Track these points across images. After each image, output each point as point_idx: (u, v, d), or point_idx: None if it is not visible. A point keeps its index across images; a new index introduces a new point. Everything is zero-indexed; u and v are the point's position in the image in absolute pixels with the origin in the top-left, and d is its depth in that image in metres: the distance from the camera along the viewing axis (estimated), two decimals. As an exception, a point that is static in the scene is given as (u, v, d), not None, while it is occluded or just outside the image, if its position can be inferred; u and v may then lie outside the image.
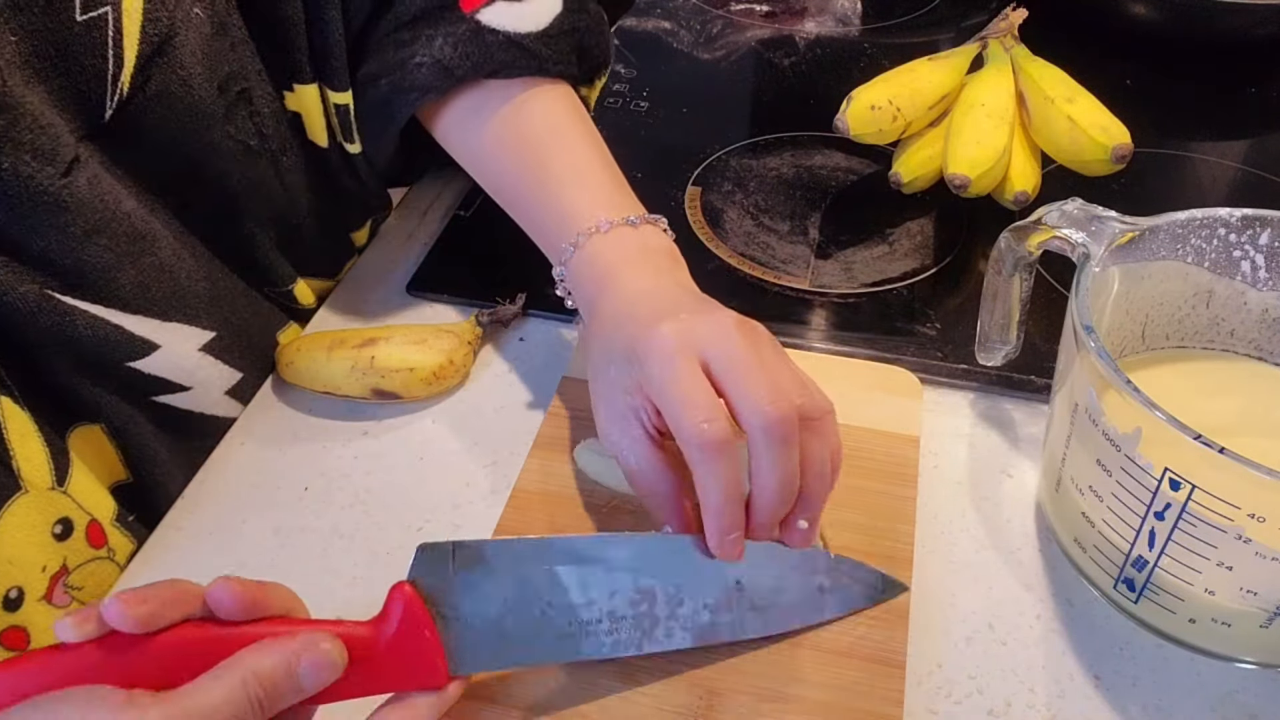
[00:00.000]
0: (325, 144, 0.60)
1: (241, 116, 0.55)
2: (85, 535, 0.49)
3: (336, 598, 0.49)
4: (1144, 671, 0.46)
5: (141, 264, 0.49)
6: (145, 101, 0.48)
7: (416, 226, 0.71)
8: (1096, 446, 0.44)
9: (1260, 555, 0.40)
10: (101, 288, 0.48)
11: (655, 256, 0.51)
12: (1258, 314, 0.52)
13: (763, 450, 0.42)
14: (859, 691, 0.43)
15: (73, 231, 0.46)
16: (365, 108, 0.59)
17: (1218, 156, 0.80)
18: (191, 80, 0.50)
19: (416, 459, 0.56)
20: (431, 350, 0.57)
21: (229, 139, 0.54)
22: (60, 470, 0.48)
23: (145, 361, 0.50)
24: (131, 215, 0.49)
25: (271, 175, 0.58)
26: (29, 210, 0.44)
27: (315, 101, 0.58)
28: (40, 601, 0.46)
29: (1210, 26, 0.86)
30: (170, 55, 0.49)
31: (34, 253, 0.45)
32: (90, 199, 0.46)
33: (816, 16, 0.97)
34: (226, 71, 0.53)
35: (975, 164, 0.65)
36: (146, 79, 0.48)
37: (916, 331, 0.62)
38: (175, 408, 0.53)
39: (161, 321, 0.51)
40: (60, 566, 0.47)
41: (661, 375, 0.43)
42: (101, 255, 0.47)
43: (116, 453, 0.52)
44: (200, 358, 0.53)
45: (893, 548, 0.49)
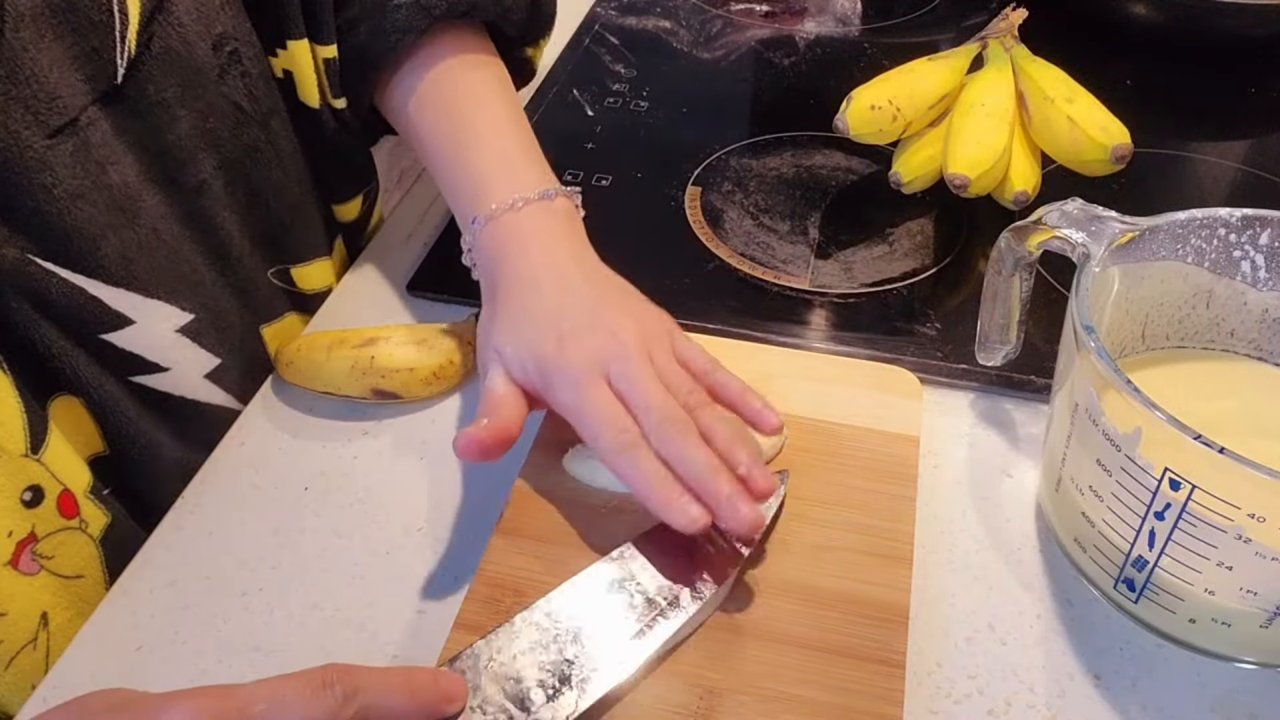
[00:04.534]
0: (317, 104, 0.60)
1: (233, 77, 0.55)
2: (56, 505, 0.49)
3: (337, 598, 0.49)
4: (1144, 671, 0.46)
5: (125, 236, 0.50)
6: (152, 60, 0.49)
7: (416, 226, 0.71)
8: (1096, 446, 0.44)
9: (1260, 555, 0.40)
10: (84, 256, 0.48)
11: (557, 233, 0.54)
12: (1258, 314, 0.52)
13: (667, 449, 0.47)
14: (859, 691, 0.43)
15: (57, 195, 0.46)
16: (345, 55, 0.59)
17: (1218, 156, 0.80)
18: (189, 38, 0.51)
19: (416, 459, 0.56)
20: (431, 350, 0.57)
21: (223, 100, 0.54)
22: (36, 438, 0.48)
23: (119, 335, 0.51)
24: (117, 186, 0.49)
25: (263, 141, 0.58)
26: (13, 168, 0.45)
27: (306, 58, 0.58)
28: (5, 566, 0.47)
29: (1210, 26, 0.86)
30: (169, 12, 0.50)
31: (17, 215, 0.46)
32: (75, 164, 0.47)
33: (816, 16, 0.97)
34: (219, 30, 0.53)
35: (975, 164, 0.65)
36: (150, 36, 0.49)
37: (916, 331, 0.62)
38: (154, 389, 0.54)
39: (144, 297, 0.51)
40: (28, 533, 0.48)
41: (573, 400, 0.48)
42: (85, 224, 0.48)
43: (95, 425, 0.52)
44: (177, 339, 0.54)
45: (893, 548, 0.49)
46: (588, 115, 0.82)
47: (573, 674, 0.43)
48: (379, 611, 0.48)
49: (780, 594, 0.47)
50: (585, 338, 0.50)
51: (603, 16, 0.96)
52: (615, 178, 0.75)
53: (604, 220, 0.59)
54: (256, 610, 0.49)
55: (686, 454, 0.46)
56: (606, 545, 0.48)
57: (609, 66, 0.88)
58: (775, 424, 0.50)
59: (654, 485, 0.46)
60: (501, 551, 0.49)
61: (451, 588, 0.49)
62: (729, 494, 0.45)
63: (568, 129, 0.80)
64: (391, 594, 0.49)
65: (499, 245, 0.54)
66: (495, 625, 0.45)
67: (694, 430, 0.47)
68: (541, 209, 0.54)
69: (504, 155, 0.57)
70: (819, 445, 0.54)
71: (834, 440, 0.54)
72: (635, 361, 0.49)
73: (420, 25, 0.58)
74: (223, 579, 0.50)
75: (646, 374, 0.49)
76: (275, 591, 0.49)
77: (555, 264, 0.53)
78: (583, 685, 0.42)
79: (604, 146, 0.78)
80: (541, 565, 0.48)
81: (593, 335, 0.50)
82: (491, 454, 0.48)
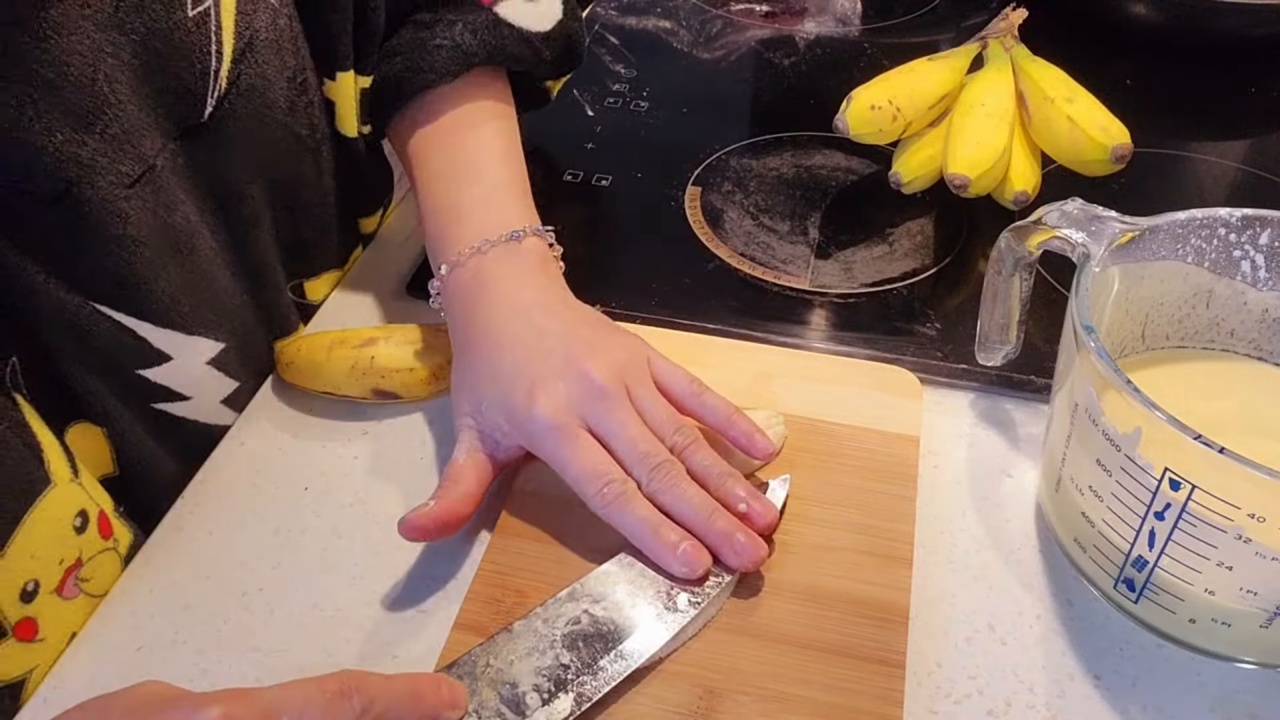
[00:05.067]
0: (355, 133, 0.60)
1: (301, 108, 0.55)
2: (98, 527, 0.49)
3: (337, 598, 0.49)
4: (1144, 671, 0.46)
5: (172, 276, 0.49)
6: (237, 97, 0.49)
7: (416, 227, 0.71)
8: (1096, 446, 0.44)
9: (1260, 555, 0.40)
10: (137, 299, 0.48)
11: (523, 274, 0.53)
12: (1258, 314, 0.52)
13: (661, 498, 0.47)
14: (859, 691, 0.43)
15: (125, 243, 0.46)
16: (375, 84, 0.59)
17: (1218, 156, 0.80)
18: (269, 74, 0.51)
19: (416, 459, 0.56)
20: (431, 350, 0.57)
21: (290, 132, 0.54)
22: (72, 463, 0.48)
23: (155, 371, 0.51)
24: (180, 227, 0.49)
25: (313, 167, 0.58)
26: (94, 221, 0.44)
27: (350, 87, 0.58)
28: (52, 594, 0.46)
29: (1210, 26, 0.86)
30: (256, 49, 0.50)
31: (84, 263, 0.45)
32: (147, 209, 0.46)
33: (816, 16, 0.97)
34: (293, 64, 0.53)
35: (975, 164, 0.65)
36: (239, 74, 0.49)
37: (916, 331, 0.62)
38: (171, 414, 0.53)
39: (185, 335, 0.51)
40: (76, 559, 0.47)
41: (554, 454, 0.48)
42: (144, 267, 0.47)
43: (109, 449, 0.52)
44: (206, 370, 0.53)
45: (893, 547, 0.49)
46: (588, 115, 0.82)
47: (569, 679, 0.43)
48: (379, 611, 0.48)
49: (780, 594, 0.47)
50: (556, 385, 0.49)
51: (603, 16, 0.96)
52: (615, 178, 0.75)
53: (604, 220, 0.60)
54: (256, 610, 0.49)
55: (681, 499, 0.47)
56: (606, 545, 0.48)
57: (609, 66, 0.88)
58: (767, 449, 0.49)
59: (649, 534, 0.46)
60: (501, 551, 0.49)
61: (451, 588, 0.49)
62: (729, 532, 0.46)
63: (568, 129, 0.80)
64: (391, 594, 0.49)
65: (463, 293, 0.53)
66: (495, 626, 0.45)
67: (684, 474, 0.47)
68: (508, 251, 0.53)
69: (480, 199, 0.56)
70: (819, 445, 0.54)
71: (834, 440, 0.54)
72: (614, 403, 0.48)
73: (456, 70, 0.58)
74: (223, 579, 0.50)
75: (627, 417, 0.48)
76: (275, 591, 0.49)
77: (519, 309, 0.52)
78: (579, 689, 0.42)
79: (604, 146, 0.78)
80: (541, 565, 0.48)
81: (564, 381, 0.49)
82: (434, 536, 0.47)
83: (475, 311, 0.52)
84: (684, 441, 0.49)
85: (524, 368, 0.50)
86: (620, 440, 0.48)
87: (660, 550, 0.46)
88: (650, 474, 0.47)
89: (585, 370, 0.49)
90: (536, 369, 0.49)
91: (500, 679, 0.42)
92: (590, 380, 0.49)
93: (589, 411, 0.48)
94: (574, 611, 0.45)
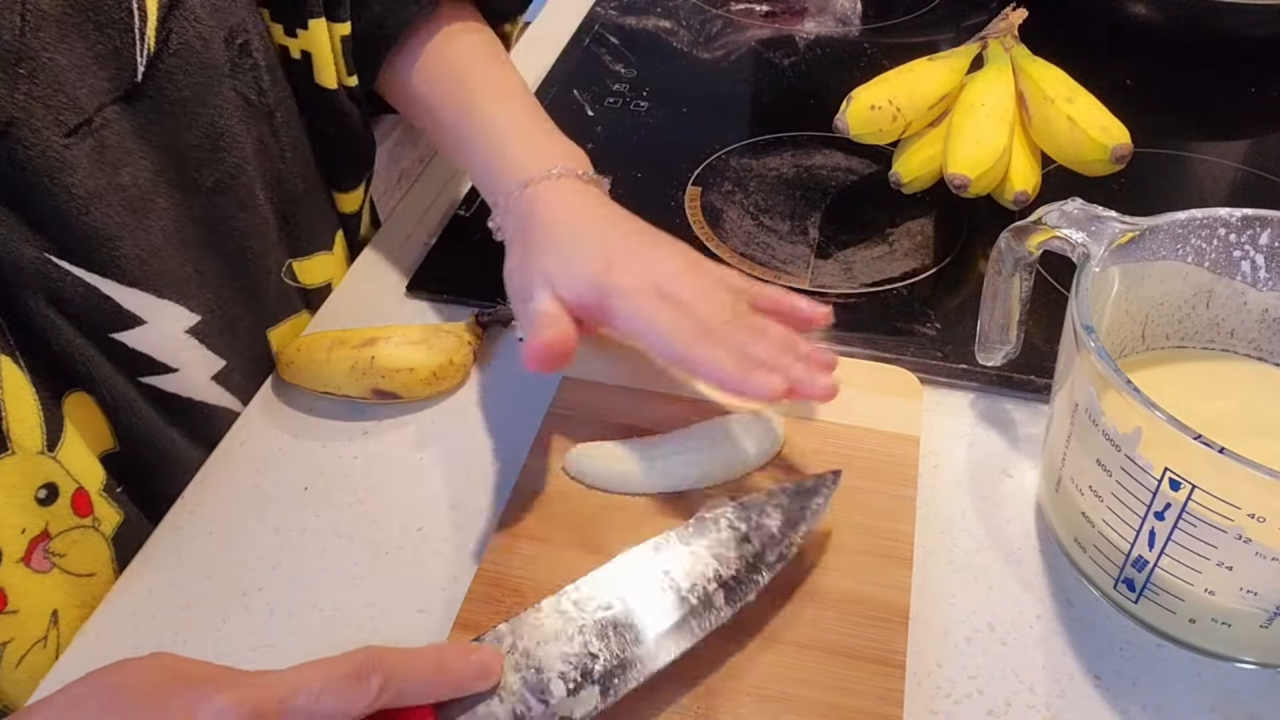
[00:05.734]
0: (335, 84, 0.60)
1: (244, 69, 0.55)
2: (70, 503, 0.49)
3: (336, 598, 0.49)
4: (1144, 671, 0.46)
5: (138, 237, 0.50)
6: (170, 57, 0.49)
7: (416, 226, 0.71)
8: (1096, 446, 0.44)
9: (1260, 555, 0.40)
10: (100, 256, 0.48)
11: (592, 195, 0.57)
12: (1258, 314, 0.52)
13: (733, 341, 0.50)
14: (859, 691, 0.43)
15: (76, 194, 0.46)
16: (358, 30, 0.60)
17: (1218, 156, 0.80)
18: (205, 33, 0.51)
19: (416, 459, 0.56)
20: (431, 350, 0.57)
21: (235, 94, 0.54)
22: (52, 435, 0.48)
23: (129, 335, 0.51)
24: (130, 187, 0.49)
25: (269, 134, 0.58)
26: (35, 167, 0.45)
27: (325, 37, 0.58)
28: (18, 563, 0.47)
29: (1210, 26, 0.86)
30: (185, 7, 0.50)
31: (37, 214, 0.46)
32: (92, 164, 0.47)
33: (816, 16, 0.97)
34: (231, 23, 0.53)
35: (975, 164, 0.65)
36: (169, 32, 0.49)
37: (916, 331, 0.62)
38: (163, 390, 0.54)
39: (155, 298, 0.51)
40: (41, 531, 0.47)
41: (631, 313, 0.50)
42: (102, 224, 0.48)
43: (106, 422, 0.52)
44: (185, 339, 0.54)
45: (893, 547, 0.49)
46: (588, 115, 0.82)
47: (596, 669, 0.41)
48: (379, 611, 0.48)
49: (780, 594, 0.47)
50: (632, 261, 0.52)
51: (603, 16, 0.96)
52: (615, 178, 0.74)
53: (604, 220, 0.59)
54: (256, 610, 0.49)
55: (752, 342, 0.50)
56: (607, 545, 0.48)
57: (609, 66, 0.88)
58: (822, 312, 0.53)
59: (731, 364, 0.48)
60: (501, 551, 0.49)
61: (451, 588, 0.49)
62: (803, 365, 0.50)
63: (568, 129, 0.79)
64: (391, 594, 0.49)
65: (536, 203, 0.55)
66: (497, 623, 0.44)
67: (751, 328, 0.51)
68: (578, 181, 0.56)
69: (527, 129, 0.59)
70: (819, 445, 0.54)
71: (834, 440, 0.54)
72: (684, 280, 0.51)
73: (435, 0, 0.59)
74: (223, 579, 0.50)
75: (696, 288, 0.51)
76: (275, 591, 0.49)
77: (594, 210, 0.55)
78: (606, 682, 0.41)
79: (604, 146, 0.78)
80: (541, 565, 0.48)
81: (639, 259, 0.52)
82: (559, 361, 0.49)
83: (551, 210, 0.54)
84: (742, 311, 0.52)
85: (601, 244, 0.53)
86: (689, 304, 0.50)
87: (740, 377, 0.48)
88: (720, 326, 0.50)
89: (658, 254, 0.53)
90: (613, 246, 0.53)
91: (526, 662, 0.41)
92: (663, 260, 0.53)
93: (661, 283, 0.51)
94: (606, 596, 0.43)
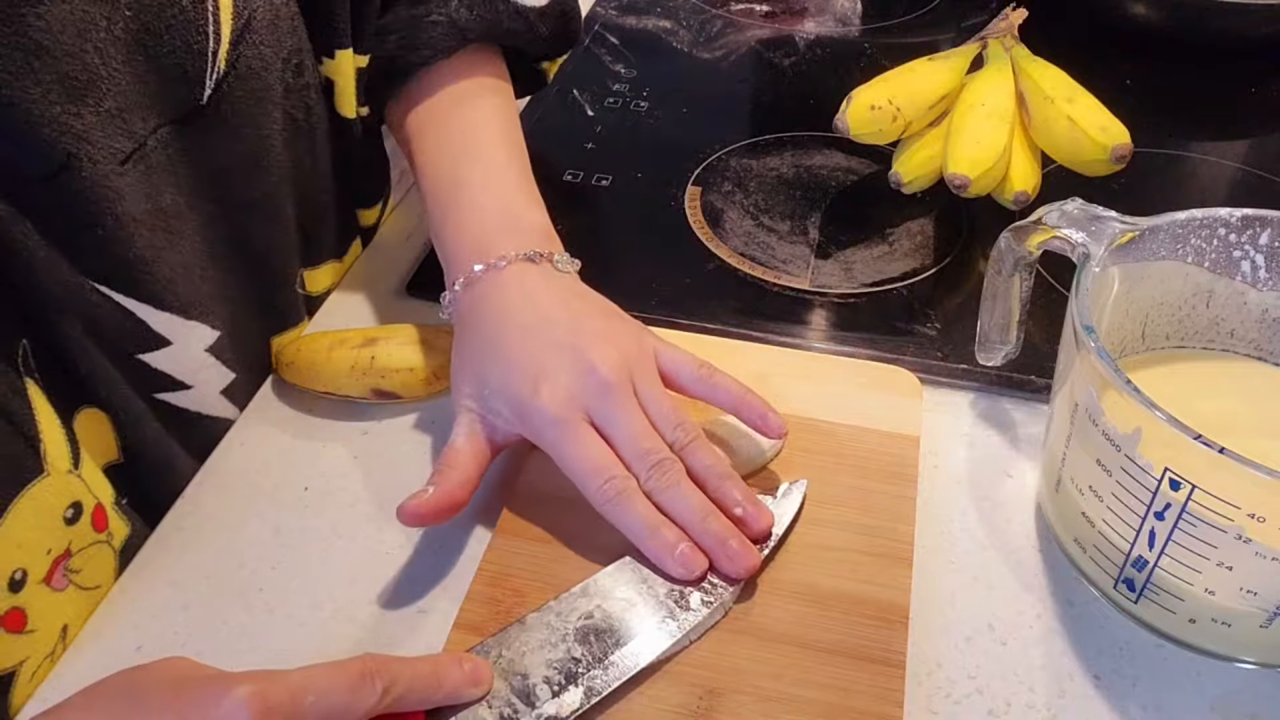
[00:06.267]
0: (352, 114, 0.60)
1: (297, 91, 0.55)
2: (91, 519, 0.49)
3: (336, 597, 0.49)
4: (1144, 671, 0.46)
5: (171, 259, 0.49)
6: (236, 80, 0.49)
7: (416, 226, 0.71)
8: (1096, 446, 0.44)
9: (1260, 555, 0.40)
10: (136, 280, 0.48)
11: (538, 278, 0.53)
12: (1258, 314, 0.52)
13: (659, 496, 0.47)
14: (859, 691, 0.43)
15: (123, 221, 0.46)
16: (371, 64, 0.59)
17: (1218, 156, 0.80)
18: (267, 56, 0.51)
19: (416, 459, 0.56)
20: (431, 350, 0.57)
21: (284, 115, 0.54)
22: (75, 453, 0.48)
23: (154, 356, 0.50)
24: (168, 209, 0.49)
25: (307, 153, 0.58)
26: (87, 198, 0.44)
27: (349, 67, 0.58)
28: (40, 584, 0.46)
29: (1210, 26, 0.86)
30: (255, 30, 0.49)
31: (84, 241, 0.45)
32: (139, 190, 0.46)
33: (816, 16, 0.97)
34: (290, 46, 0.53)
35: (975, 164, 0.65)
36: (238, 56, 0.49)
37: (916, 331, 0.62)
38: (175, 405, 0.53)
39: (183, 319, 0.51)
40: (64, 550, 0.47)
41: (555, 446, 0.48)
42: (143, 248, 0.47)
43: (115, 436, 0.52)
44: (205, 358, 0.53)
45: (893, 547, 0.49)
46: (588, 115, 0.82)
47: (579, 671, 0.43)
48: (379, 611, 0.48)
49: (780, 594, 0.47)
50: (561, 378, 0.49)
51: (603, 16, 0.96)
52: (615, 178, 0.75)
53: (604, 220, 0.60)
54: (256, 610, 0.49)
55: (678, 500, 0.47)
56: (607, 545, 0.48)
57: (609, 66, 0.88)
58: (779, 427, 0.50)
59: (647, 534, 0.46)
60: (501, 551, 0.49)
61: (451, 588, 0.49)
62: (723, 537, 0.46)
63: (568, 129, 0.80)
64: (391, 594, 0.49)
65: (488, 296, 0.53)
66: (495, 626, 0.45)
67: (683, 474, 0.48)
68: (539, 268, 0.53)
69: (481, 182, 0.56)
70: (819, 445, 0.54)
71: (834, 440, 0.54)
72: (617, 399, 0.48)
73: (451, 46, 0.58)
74: (223, 579, 0.50)
75: (630, 413, 0.48)
76: (275, 591, 0.49)
77: (529, 296, 0.52)
78: (589, 683, 0.42)
79: (604, 146, 0.78)
80: (541, 565, 0.48)
81: (570, 375, 0.49)
82: (432, 522, 0.48)
83: (487, 307, 0.52)
84: (685, 439, 0.49)
85: (530, 357, 0.50)
86: (622, 435, 0.48)
87: (658, 551, 0.46)
88: (650, 471, 0.47)
89: (591, 363, 0.49)
90: (543, 359, 0.49)
91: (512, 669, 0.43)
92: (595, 373, 0.48)
93: (593, 405, 0.48)
94: (587, 607, 0.45)
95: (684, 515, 0.47)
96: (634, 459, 0.48)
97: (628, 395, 0.49)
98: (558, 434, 0.48)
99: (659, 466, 0.47)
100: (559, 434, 0.48)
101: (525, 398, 0.49)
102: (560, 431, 0.48)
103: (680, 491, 0.47)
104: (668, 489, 0.47)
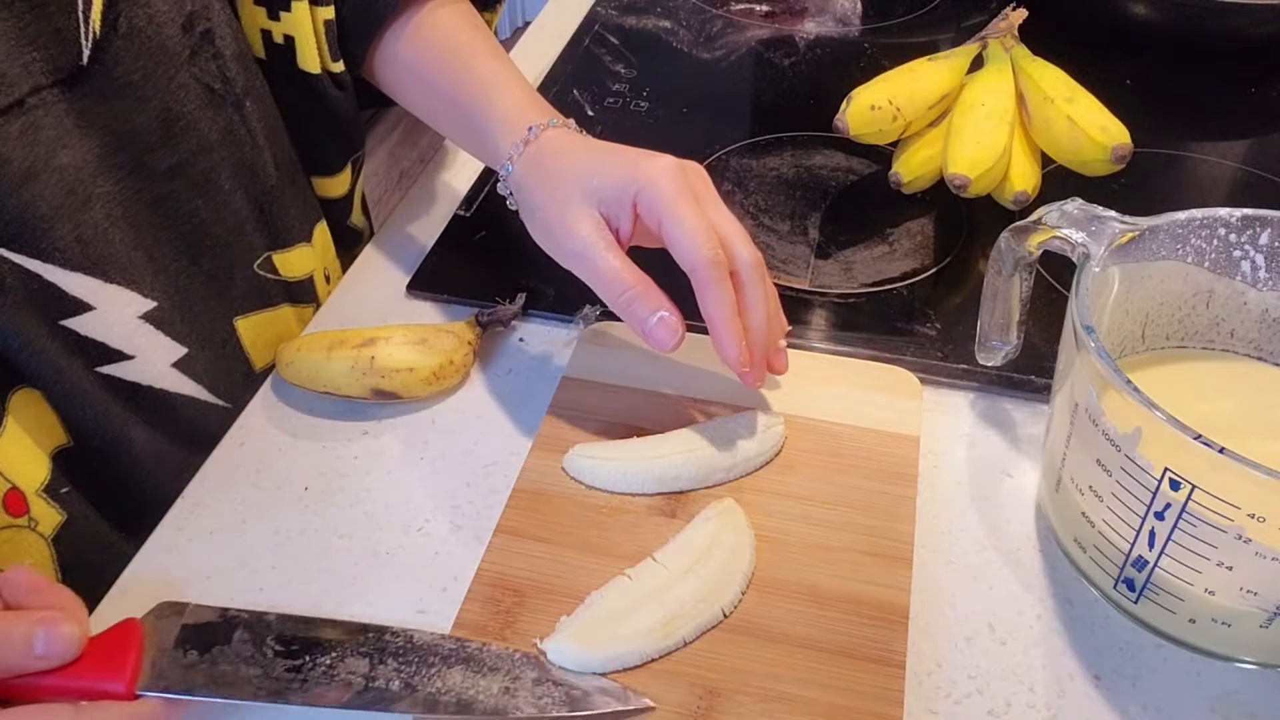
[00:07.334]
0: (318, 69, 0.60)
1: (205, 58, 0.55)
2: (2, 503, 0.48)
3: (336, 597, 0.49)
4: (1144, 671, 0.46)
5: (79, 220, 0.49)
6: (119, 42, 0.49)
7: (416, 226, 0.71)
8: (1096, 446, 0.44)
9: (1260, 555, 0.40)
10: (37, 240, 0.48)
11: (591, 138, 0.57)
12: (1258, 314, 0.52)
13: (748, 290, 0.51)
14: (859, 691, 0.43)
15: (5, 175, 0.46)
16: (344, 15, 0.59)
17: (1218, 156, 0.80)
18: (158, 18, 0.50)
19: (416, 459, 0.56)
20: (431, 350, 0.57)
21: (194, 81, 0.54)
22: None
23: (79, 321, 0.50)
24: (68, 169, 0.49)
25: (238, 123, 0.57)
26: None
27: (307, 21, 0.58)
28: None
29: (1210, 26, 0.86)
30: None
31: None
32: (23, 144, 0.46)
33: (816, 16, 0.97)
34: (190, 10, 0.53)
35: (975, 164, 0.65)
36: (116, 16, 0.48)
37: (916, 331, 0.62)
38: (122, 379, 0.53)
39: (102, 282, 0.51)
40: None
41: (676, 205, 0.50)
42: (37, 205, 0.47)
43: (57, 417, 0.51)
44: (139, 325, 0.53)
45: (893, 547, 0.49)
46: (588, 115, 0.82)
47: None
48: (379, 611, 0.48)
49: (780, 594, 0.47)
50: (659, 159, 0.52)
51: (603, 16, 0.96)
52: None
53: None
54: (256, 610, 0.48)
55: (756, 306, 0.51)
56: (607, 545, 0.48)
57: (609, 66, 0.88)
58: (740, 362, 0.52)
59: (729, 320, 0.50)
60: (501, 551, 0.49)
61: (451, 588, 0.49)
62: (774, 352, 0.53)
63: (568, 129, 0.80)
64: (391, 594, 0.49)
65: (549, 143, 0.54)
66: (495, 626, 0.45)
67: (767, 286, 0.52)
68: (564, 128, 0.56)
69: (524, 84, 0.59)
70: (819, 445, 0.54)
71: (834, 440, 0.54)
72: (715, 195, 0.52)
73: None
74: (223, 579, 0.50)
75: (729, 213, 0.52)
76: (275, 591, 0.49)
77: (584, 139, 0.55)
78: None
79: (604, 146, 0.78)
80: (541, 565, 0.48)
81: (665, 159, 0.52)
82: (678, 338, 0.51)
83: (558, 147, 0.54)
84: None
85: (624, 153, 0.53)
86: (727, 226, 0.51)
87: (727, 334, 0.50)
88: (748, 267, 0.50)
89: (680, 162, 0.52)
90: (635, 152, 0.53)
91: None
92: (698, 169, 0.53)
93: (695, 184, 0.51)
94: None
95: (756, 321, 0.51)
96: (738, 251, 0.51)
97: (720, 199, 0.52)
98: (680, 200, 0.50)
99: (755, 268, 0.51)
100: (681, 200, 0.50)
101: (628, 169, 0.51)
102: (682, 199, 0.50)
103: (760, 299, 0.51)
104: (758, 289, 0.51)
